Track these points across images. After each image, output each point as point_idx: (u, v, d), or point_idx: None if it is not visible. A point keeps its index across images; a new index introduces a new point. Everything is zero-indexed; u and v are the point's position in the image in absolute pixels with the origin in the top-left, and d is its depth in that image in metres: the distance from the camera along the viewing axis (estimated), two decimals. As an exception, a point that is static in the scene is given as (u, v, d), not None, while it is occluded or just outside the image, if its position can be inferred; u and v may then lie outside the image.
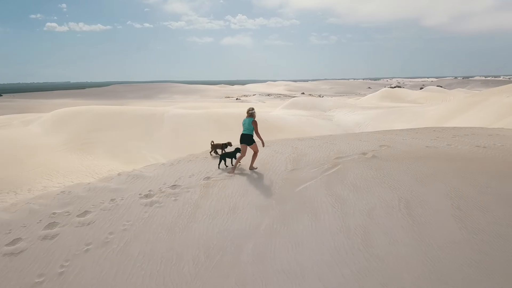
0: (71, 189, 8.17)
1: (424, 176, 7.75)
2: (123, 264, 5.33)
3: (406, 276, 4.68)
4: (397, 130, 14.17)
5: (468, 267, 4.81)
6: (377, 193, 7.03)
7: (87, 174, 20.26)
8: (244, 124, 8.88)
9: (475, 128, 14.07)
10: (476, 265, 4.85)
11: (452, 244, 5.31)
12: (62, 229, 6.38)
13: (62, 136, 27.51)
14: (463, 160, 8.69)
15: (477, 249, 5.17)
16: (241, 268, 5.07)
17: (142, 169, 9.41)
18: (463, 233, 5.57)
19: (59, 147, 25.36)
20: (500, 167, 8.20)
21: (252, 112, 8.93)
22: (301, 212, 6.52)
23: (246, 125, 8.82)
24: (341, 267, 4.93)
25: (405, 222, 5.93)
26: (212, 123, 32.53)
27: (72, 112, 33.36)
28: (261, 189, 7.68)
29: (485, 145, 10.11)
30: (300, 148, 10.48)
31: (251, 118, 8.82)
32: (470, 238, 5.44)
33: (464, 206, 6.38)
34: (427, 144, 10.45)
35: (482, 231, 5.61)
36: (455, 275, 4.67)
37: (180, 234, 6.05)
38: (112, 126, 30.06)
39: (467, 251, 5.14)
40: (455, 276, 4.65)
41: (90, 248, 5.78)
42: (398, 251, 5.21)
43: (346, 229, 5.84)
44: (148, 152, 25.85)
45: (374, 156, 9.18)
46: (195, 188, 7.91)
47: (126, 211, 6.97)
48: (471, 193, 6.88)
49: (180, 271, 5.10)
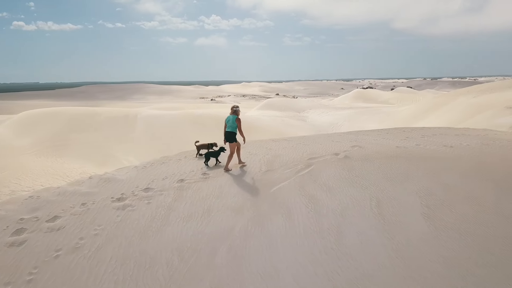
0: (40, 193, 7.93)
1: (395, 175, 7.95)
2: (94, 270, 5.23)
3: (377, 274, 4.80)
4: (369, 130, 14.47)
5: (436, 263, 4.98)
6: (349, 193, 7.16)
7: (57, 177, 19.70)
8: (228, 121, 8.88)
9: (443, 128, 14.53)
10: (444, 260, 5.03)
11: (421, 241, 5.49)
12: (30, 235, 6.19)
13: (31, 138, 26.63)
14: (431, 160, 8.96)
15: (445, 246, 5.37)
16: (215, 271, 5.06)
17: (114, 172, 9.24)
18: (432, 230, 5.76)
19: (28, 150, 24.54)
20: (465, 166, 8.50)
21: (236, 109, 8.97)
22: (275, 213, 6.56)
23: (230, 122, 8.83)
24: (315, 267, 5.01)
25: (377, 221, 6.07)
26: (187, 124, 32.26)
27: (41, 113, 32.31)
28: (236, 191, 7.67)
29: (452, 144, 10.45)
30: (274, 149, 10.55)
31: (235, 116, 8.83)
32: (438, 235, 5.63)
33: (432, 204, 6.59)
34: (397, 144, 10.71)
35: (449, 228, 5.82)
36: (424, 271, 4.82)
37: (154, 238, 5.98)
38: (84, 128, 29.35)
39: (435, 248, 5.33)
40: (424, 272, 4.81)
41: (60, 254, 5.63)
42: (370, 249, 5.33)
43: (320, 229, 5.92)
44: (121, 154, 25.39)
45: (346, 157, 9.34)
46: (168, 190, 7.83)
47: (97, 215, 6.83)
48: (439, 191, 7.11)
49: (154, 275, 5.04)
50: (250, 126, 31.58)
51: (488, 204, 6.63)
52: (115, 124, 30.90)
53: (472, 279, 4.67)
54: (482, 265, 4.94)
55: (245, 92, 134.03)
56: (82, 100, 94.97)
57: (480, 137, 11.44)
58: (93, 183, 8.43)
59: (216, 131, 30.68)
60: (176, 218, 6.59)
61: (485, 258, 5.11)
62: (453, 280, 4.67)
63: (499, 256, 5.15)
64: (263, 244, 5.63)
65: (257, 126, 32.90)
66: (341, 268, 4.94)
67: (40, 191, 8.17)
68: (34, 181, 18.61)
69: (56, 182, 18.45)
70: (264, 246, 5.57)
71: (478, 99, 31.31)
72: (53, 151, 24.65)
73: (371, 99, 69.25)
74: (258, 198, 7.26)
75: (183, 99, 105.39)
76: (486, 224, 5.97)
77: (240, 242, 5.72)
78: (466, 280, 4.66)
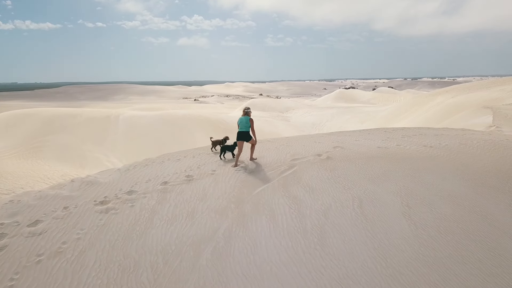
0: (21, 197, 7.78)
1: (376, 176, 8.10)
2: (78, 274, 5.18)
3: (360, 273, 4.90)
4: (350, 131, 14.66)
5: (416, 261, 5.12)
6: (332, 194, 7.26)
7: (38, 179, 19.37)
8: (241, 122, 9.40)
9: (423, 128, 14.82)
10: (424, 259, 5.18)
11: (402, 240, 5.62)
12: (11, 240, 6.08)
13: (10, 140, 26.08)
14: (411, 160, 9.16)
15: (425, 244, 5.52)
16: (200, 273, 5.08)
17: (96, 175, 9.14)
18: (412, 229, 5.91)
19: (7, 152, 24.03)
20: (444, 166, 8.73)
21: (248, 111, 9.55)
22: (259, 214, 6.60)
23: (244, 123, 9.37)
24: (298, 267, 5.08)
25: (359, 221, 6.18)
26: (170, 125, 32.08)
27: (20, 114, 31.65)
28: (219, 193, 7.68)
29: (432, 144, 10.70)
30: (257, 150, 10.58)
31: (248, 117, 9.43)
32: (418, 234, 5.78)
33: (413, 203, 6.75)
34: (378, 145, 10.90)
35: (429, 226, 5.98)
36: (405, 270, 4.95)
37: (138, 241, 5.96)
38: (64, 129, 28.90)
39: (416, 246, 5.47)
40: (404, 271, 4.94)
41: (42, 259, 5.56)
42: (352, 249, 5.43)
43: (303, 230, 6.00)
44: (103, 156, 25.12)
45: (329, 157, 9.46)
46: (152, 193, 7.79)
47: (80, 219, 6.75)
48: (419, 191, 7.29)
49: (138, 279, 5.03)
50: (234, 127, 31.59)
51: (465, 202, 6.85)
52: (96, 125, 30.50)
53: (452, 277, 4.82)
54: (462, 263, 5.11)
55: (229, 92, 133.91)
56: (61, 100, 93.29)
57: (458, 137, 11.73)
58: (75, 186, 8.32)
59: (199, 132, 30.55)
60: (160, 221, 6.57)
61: (464, 256, 5.28)
62: (434, 278, 4.81)
63: (477, 254, 5.33)
64: (247, 245, 5.68)
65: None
66: (325, 268, 5.03)
67: (20, 195, 8.02)
68: (14, 183, 18.24)
69: (37, 184, 18.14)
70: (248, 247, 5.61)
71: (457, 99, 32.09)
72: (32, 153, 24.22)
73: (353, 99, 70.19)
74: (241, 199, 7.29)
75: (166, 99, 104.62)
76: (464, 222, 6.17)
77: (224, 244, 5.75)
78: (446, 278, 4.80)
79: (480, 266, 5.08)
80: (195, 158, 10.25)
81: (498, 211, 6.62)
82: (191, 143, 25.68)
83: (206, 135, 26.80)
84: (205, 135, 28.76)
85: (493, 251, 5.44)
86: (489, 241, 5.68)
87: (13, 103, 77.91)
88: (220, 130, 30.60)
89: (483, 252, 5.39)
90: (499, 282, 4.80)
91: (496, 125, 16.63)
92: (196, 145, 19.04)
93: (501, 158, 9.36)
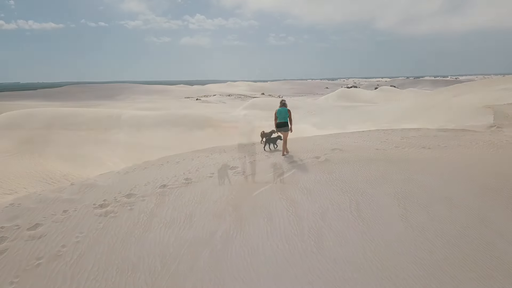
0: (21, 201, 7.85)
1: (374, 178, 8.13)
2: (76, 278, 5.23)
3: (356, 276, 4.92)
4: (349, 132, 14.68)
5: (413, 264, 5.13)
6: (329, 196, 7.30)
7: (40, 179, 19.39)
8: (281, 113, 10.10)
9: (422, 129, 14.82)
10: (420, 262, 5.18)
11: (398, 243, 5.64)
12: (11, 243, 6.14)
13: (12, 140, 26.16)
14: (409, 162, 9.18)
15: (421, 247, 5.53)
16: (197, 276, 5.12)
17: (96, 178, 9.21)
18: (409, 232, 5.92)
19: (9, 151, 24.11)
20: (442, 168, 8.74)
21: (284, 102, 10.40)
22: (256, 217, 6.64)
23: (283, 114, 10.07)
24: (295, 270, 5.10)
25: (356, 224, 6.21)
26: (172, 125, 32.10)
27: (23, 114, 31.74)
28: (217, 195, 7.72)
29: (430, 146, 10.71)
30: (256, 153, 10.63)
31: (286, 108, 10.14)
32: (415, 237, 5.80)
33: (410, 206, 6.77)
34: (376, 147, 10.92)
35: (426, 229, 5.99)
36: (401, 273, 4.96)
37: (136, 244, 6.01)
38: (67, 129, 28.97)
39: (412, 249, 5.48)
40: (401, 274, 4.95)
41: (41, 262, 5.61)
42: (349, 252, 5.45)
43: (300, 232, 6.03)
44: (105, 155, 25.13)
45: (327, 160, 9.50)
46: (150, 196, 7.84)
47: (79, 222, 6.81)
48: (416, 193, 7.31)
49: (136, 282, 5.07)
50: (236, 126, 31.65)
51: (462, 205, 6.85)
52: (98, 124, 30.57)
53: (449, 280, 4.83)
54: (458, 266, 5.12)
55: (231, 91, 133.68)
56: (64, 100, 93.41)
57: (457, 138, 11.75)
58: (75, 189, 8.38)
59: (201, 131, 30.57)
60: (158, 224, 6.62)
61: (460, 259, 5.29)
62: (430, 281, 4.81)
63: (473, 257, 5.35)
64: (244, 248, 5.71)
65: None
66: (321, 271, 5.05)
67: (21, 198, 8.09)
68: (17, 183, 18.31)
69: (39, 184, 18.18)
70: (245, 250, 5.65)
71: (458, 98, 31.98)
72: (34, 153, 24.25)
73: (355, 98, 69.97)
74: (239, 202, 7.33)
75: (168, 98, 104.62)
76: (461, 224, 6.18)
77: (222, 247, 5.78)
78: (442, 281, 4.82)
79: (477, 268, 5.09)
80: (193, 161, 10.32)
81: (496, 213, 6.62)
82: (195, 143, 25.70)
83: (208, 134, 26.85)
84: (207, 134, 28.81)
85: (490, 253, 5.45)
86: (485, 243, 5.70)
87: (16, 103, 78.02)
88: (220, 129, 30.62)
89: (479, 254, 5.40)
90: (496, 285, 4.82)
91: (496, 125, 16.60)
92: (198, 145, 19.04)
93: (501, 160, 9.37)
